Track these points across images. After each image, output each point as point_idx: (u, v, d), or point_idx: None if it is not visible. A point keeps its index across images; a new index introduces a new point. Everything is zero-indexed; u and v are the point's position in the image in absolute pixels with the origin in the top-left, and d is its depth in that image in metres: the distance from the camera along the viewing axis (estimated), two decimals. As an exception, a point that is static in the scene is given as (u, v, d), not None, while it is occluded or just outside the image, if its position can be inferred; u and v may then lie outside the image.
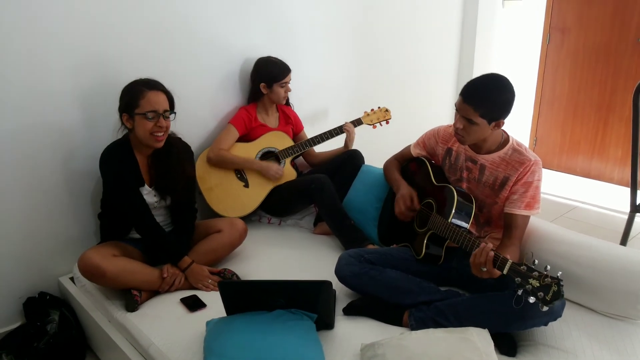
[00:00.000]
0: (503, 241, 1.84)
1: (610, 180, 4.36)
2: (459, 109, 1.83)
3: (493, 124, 1.81)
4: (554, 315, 1.59)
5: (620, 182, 4.28)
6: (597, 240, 1.93)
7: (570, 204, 3.95)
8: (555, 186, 4.29)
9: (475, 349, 1.49)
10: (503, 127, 1.94)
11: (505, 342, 1.65)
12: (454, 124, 1.88)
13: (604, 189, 4.28)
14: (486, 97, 1.79)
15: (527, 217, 1.86)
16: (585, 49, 4.28)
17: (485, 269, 1.60)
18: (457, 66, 4.31)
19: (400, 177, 2.24)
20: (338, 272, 1.94)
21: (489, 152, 1.93)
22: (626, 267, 1.76)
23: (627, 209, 2.72)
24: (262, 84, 2.67)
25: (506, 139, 1.93)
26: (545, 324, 1.63)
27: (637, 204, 2.66)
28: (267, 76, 2.67)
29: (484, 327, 1.60)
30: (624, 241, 2.76)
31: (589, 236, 1.97)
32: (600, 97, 4.27)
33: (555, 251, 1.90)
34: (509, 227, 1.85)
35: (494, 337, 1.60)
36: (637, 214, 2.68)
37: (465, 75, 4.27)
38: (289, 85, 2.71)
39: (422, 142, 2.22)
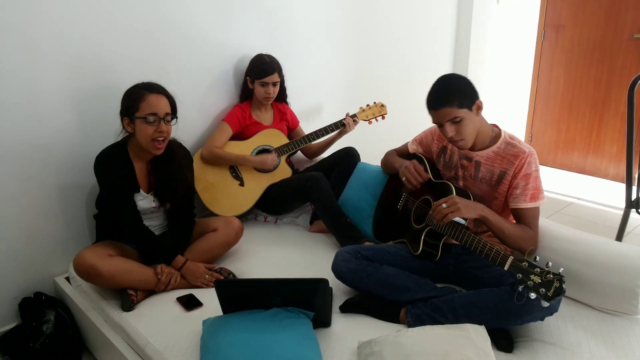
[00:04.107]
0: None
1: (605, 176, 4.37)
2: (439, 119, 1.85)
3: (474, 108, 1.83)
4: (551, 310, 1.59)
5: (615, 178, 4.30)
6: (593, 236, 1.94)
7: (566, 200, 3.96)
8: (551, 182, 4.30)
9: (472, 345, 1.49)
10: (495, 122, 1.96)
11: (502, 338, 1.65)
12: (447, 136, 1.87)
13: (599, 185, 4.30)
14: (449, 90, 1.82)
15: (535, 209, 1.86)
16: (580, 46, 4.29)
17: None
18: (453, 62, 4.31)
19: (401, 159, 2.27)
20: (335, 269, 1.94)
21: (483, 148, 1.94)
22: (622, 263, 1.77)
23: (623, 205, 2.72)
24: (248, 78, 2.69)
25: (498, 133, 1.94)
26: (542, 319, 1.63)
27: (633, 199, 2.66)
28: (251, 71, 2.68)
29: (480, 323, 1.60)
30: (619, 237, 2.76)
31: (584, 232, 1.98)
32: (595, 93, 4.28)
33: (551, 247, 1.90)
34: (518, 220, 1.87)
35: (491, 333, 1.60)
36: (633, 210, 2.68)
37: (460, 71, 4.28)
38: (273, 88, 2.65)
39: (420, 140, 2.24)
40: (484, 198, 1.97)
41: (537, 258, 1.54)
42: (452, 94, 1.81)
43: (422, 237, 1.95)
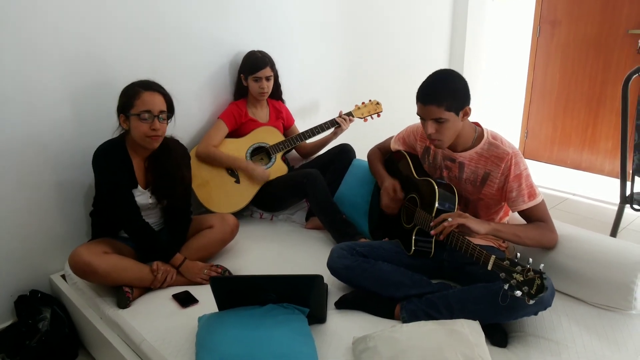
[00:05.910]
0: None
1: (600, 172, 4.38)
2: (424, 114, 1.82)
3: (461, 113, 1.81)
4: (544, 304, 1.60)
5: (610, 174, 4.31)
6: (588, 232, 1.95)
7: (561, 196, 3.97)
8: (547, 178, 4.31)
9: (466, 340, 1.49)
10: (477, 121, 1.95)
11: (496, 333, 1.66)
12: (426, 132, 1.84)
13: (594, 181, 4.31)
14: (443, 89, 1.78)
15: (539, 205, 1.84)
16: (576, 42, 4.30)
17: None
18: (448, 59, 4.31)
19: (383, 170, 2.24)
20: (330, 265, 1.95)
21: (465, 149, 1.92)
22: (616, 259, 1.77)
23: (618, 201, 2.73)
24: (241, 75, 2.69)
25: (480, 133, 1.92)
26: (535, 314, 1.63)
27: (627, 195, 2.67)
28: (244, 67, 2.68)
29: (475, 318, 1.60)
30: (614, 232, 2.77)
31: (579, 228, 1.99)
32: (591, 89, 4.29)
33: (546, 243, 1.90)
34: (529, 220, 1.86)
35: (485, 328, 1.61)
36: (627, 205, 2.69)
37: (456, 68, 4.27)
38: (267, 83, 2.65)
39: (402, 138, 2.22)
40: (469, 199, 1.96)
41: (519, 255, 1.54)
42: (444, 95, 1.77)
43: (413, 237, 1.95)
